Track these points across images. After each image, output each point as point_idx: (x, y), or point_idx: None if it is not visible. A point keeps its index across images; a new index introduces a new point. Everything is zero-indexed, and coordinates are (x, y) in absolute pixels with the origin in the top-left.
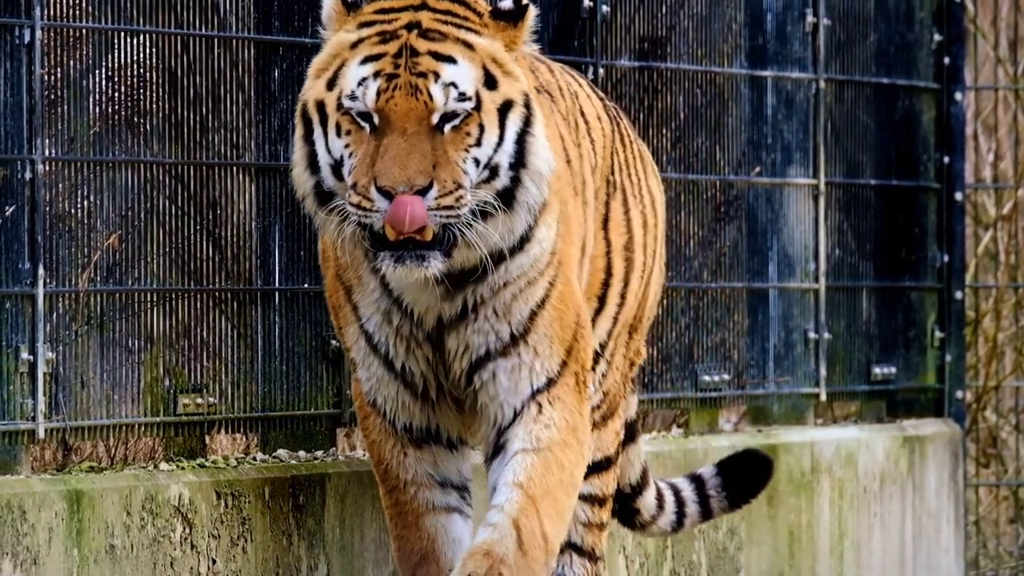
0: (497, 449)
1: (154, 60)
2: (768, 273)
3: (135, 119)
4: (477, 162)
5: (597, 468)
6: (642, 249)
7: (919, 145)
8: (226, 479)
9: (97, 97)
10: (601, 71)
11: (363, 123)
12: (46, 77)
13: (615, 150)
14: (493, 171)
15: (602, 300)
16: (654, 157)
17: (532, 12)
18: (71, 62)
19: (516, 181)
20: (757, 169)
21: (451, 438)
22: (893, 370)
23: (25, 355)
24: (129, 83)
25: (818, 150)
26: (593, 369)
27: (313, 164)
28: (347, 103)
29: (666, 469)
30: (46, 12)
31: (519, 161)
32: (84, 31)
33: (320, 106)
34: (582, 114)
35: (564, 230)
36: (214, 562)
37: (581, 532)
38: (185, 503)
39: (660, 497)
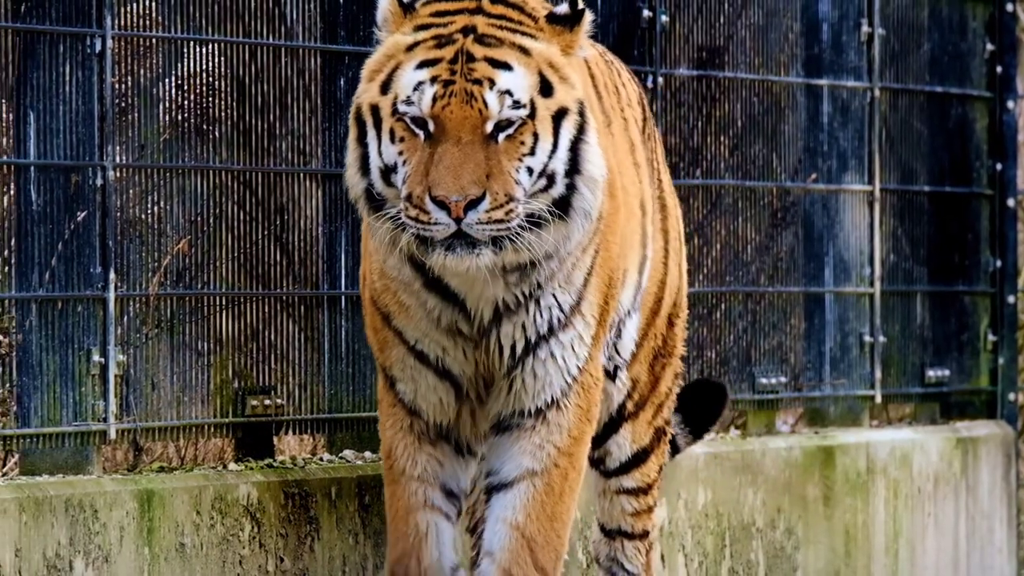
0: (508, 425)
1: (222, 69)
2: (824, 278)
3: (204, 126)
4: (530, 171)
5: (636, 461)
6: (660, 233)
7: (972, 152)
8: (294, 479)
9: (167, 105)
10: (660, 80)
11: (417, 129)
12: (117, 85)
13: (642, 135)
14: (550, 179)
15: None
16: (712, 164)
17: (588, 17)
18: (141, 71)
19: (572, 188)
20: (813, 176)
21: (462, 441)
22: (947, 373)
23: (97, 357)
24: (198, 91)
25: (873, 157)
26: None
27: (365, 167)
28: (402, 108)
29: (724, 470)
30: (117, 22)
31: (574, 168)
32: (154, 40)
33: (374, 110)
34: (629, 106)
35: (609, 195)
36: (282, 560)
37: (630, 521)
38: (253, 503)
39: None
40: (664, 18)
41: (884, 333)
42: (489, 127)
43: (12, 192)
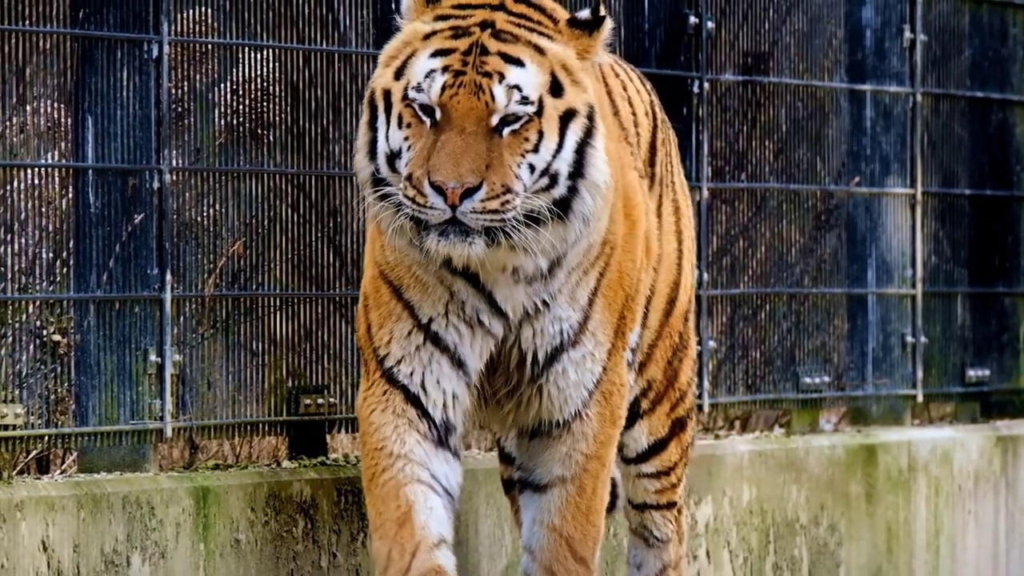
0: (536, 432)
1: (277, 74)
2: (867, 279)
3: (259, 131)
4: (532, 168)
5: (653, 451)
6: (674, 235)
7: (1012, 156)
8: (346, 476)
9: (222, 109)
10: (706, 85)
11: (424, 116)
12: (173, 90)
13: (652, 143)
14: (552, 179)
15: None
16: (757, 168)
17: (608, 23)
18: (197, 76)
19: (573, 191)
20: (856, 179)
21: (456, 444)
22: (987, 372)
23: (153, 357)
24: (253, 96)
25: (915, 161)
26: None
27: (373, 151)
28: (412, 94)
29: (768, 468)
30: (174, 28)
31: (577, 171)
32: (210, 46)
33: (386, 95)
34: (633, 114)
35: (619, 216)
36: (335, 556)
37: (655, 497)
38: (307, 500)
39: None
40: (710, 24)
41: (925, 333)
42: (494, 120)
43: (71, 195)
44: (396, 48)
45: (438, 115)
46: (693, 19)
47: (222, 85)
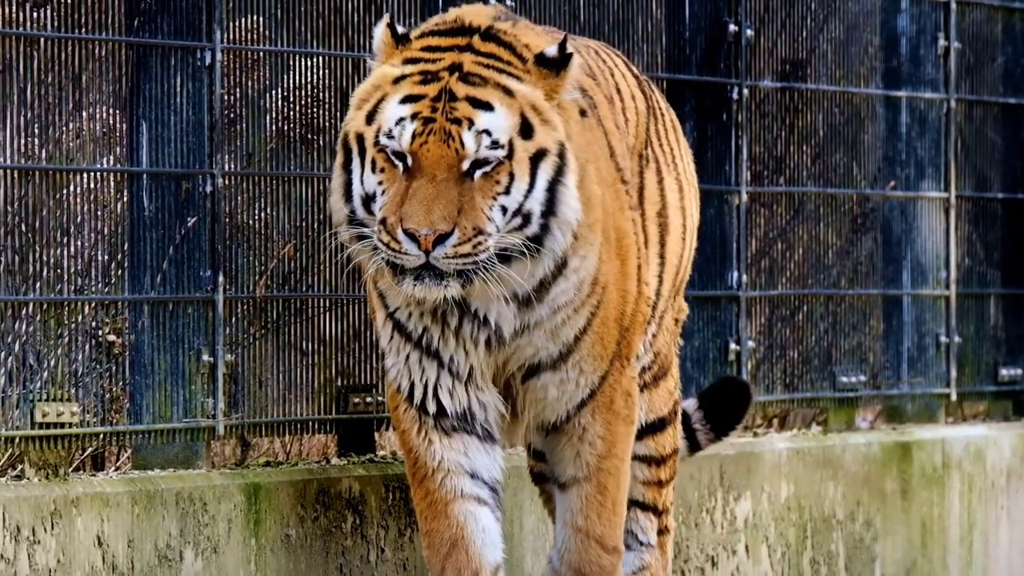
0: (546, 432)
1: (327, 80)
2: (902, 281)
3: (309, 136)
4: (504, 209)
5: (651, 429)
6: (678, 212)
7: None
8: (394, 473)
9: (273, 115)
10: (745, 91)
11: (397, 161)
12: (226, 97)
13: (648, 126)
14: (525, 218)
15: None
16: (795, 172)
17: (576, 61)
18: (249, 82)
19: (545, 229)
20: (892, 183)
21: (485, 428)
22: (1019, 372)
23: (206, 357)
24: (303, 102)
25: (949, 165)
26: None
27: (348, 193)
28: (383, 140)
29: (806, 464)
30: (226, 36)
31: (549, 210)
32: (261, 54)
33: (360, 139)
34: (618, 92)
35: (609, 258)
36: (383, 551)
37: (641, 489)
38: (356, 496)
39: None
40: (749, 32)
41: (959, 333)
42: (465, 165)
43: (126, 199)
44: (367, 91)
45: (409, 162)
46: (733, 27)
47: (273, 91)
